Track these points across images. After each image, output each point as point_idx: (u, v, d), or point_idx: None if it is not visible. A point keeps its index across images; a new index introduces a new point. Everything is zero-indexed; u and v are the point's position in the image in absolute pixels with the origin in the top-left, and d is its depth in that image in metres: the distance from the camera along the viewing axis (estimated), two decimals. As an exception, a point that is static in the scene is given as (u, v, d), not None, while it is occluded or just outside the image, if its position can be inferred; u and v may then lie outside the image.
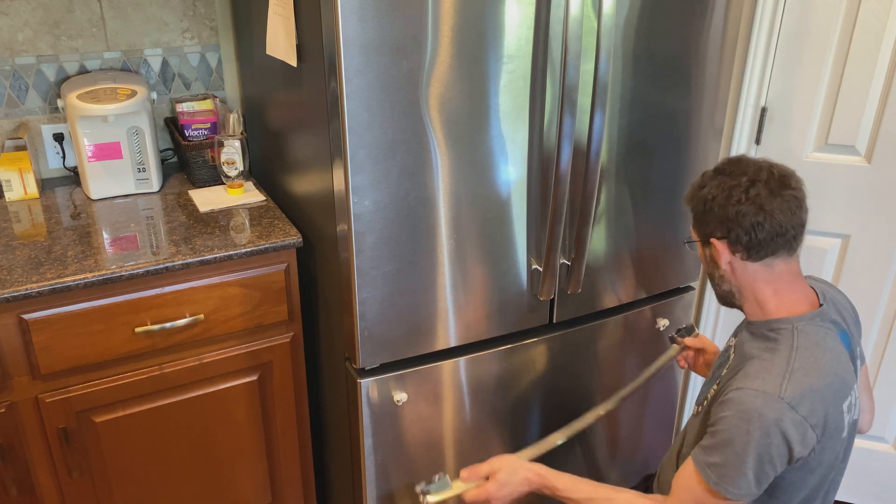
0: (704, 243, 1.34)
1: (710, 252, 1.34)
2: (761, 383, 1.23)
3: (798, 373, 1.23)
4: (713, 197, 1.29)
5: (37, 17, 1.85)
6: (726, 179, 1.29)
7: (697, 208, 1.33)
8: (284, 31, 1.53)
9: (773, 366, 1.25)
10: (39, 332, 1.51)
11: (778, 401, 1.20)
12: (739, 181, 1.27)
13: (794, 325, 1.29)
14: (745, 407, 1.22)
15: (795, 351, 1.26)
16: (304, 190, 1.70)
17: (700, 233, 1.35)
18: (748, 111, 2.00)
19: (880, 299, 2.04)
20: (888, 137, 1.88)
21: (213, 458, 1.82)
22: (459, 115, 1.44)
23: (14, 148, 1.87)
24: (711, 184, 1.30)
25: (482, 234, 1.57)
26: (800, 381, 1.22)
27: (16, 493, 1.62)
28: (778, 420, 1.20)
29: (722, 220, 1.28)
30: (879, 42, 1.82)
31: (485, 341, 1.70)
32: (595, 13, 1.46)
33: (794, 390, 1.21)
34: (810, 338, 1.28)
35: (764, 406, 1.20)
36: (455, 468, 1.80)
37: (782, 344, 1.28)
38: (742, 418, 1.21)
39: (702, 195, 1.31)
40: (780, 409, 1.20)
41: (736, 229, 1.27)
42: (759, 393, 1.22)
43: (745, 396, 1.23)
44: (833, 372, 1.25)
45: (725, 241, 1.29)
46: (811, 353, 1.26)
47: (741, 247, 1.28)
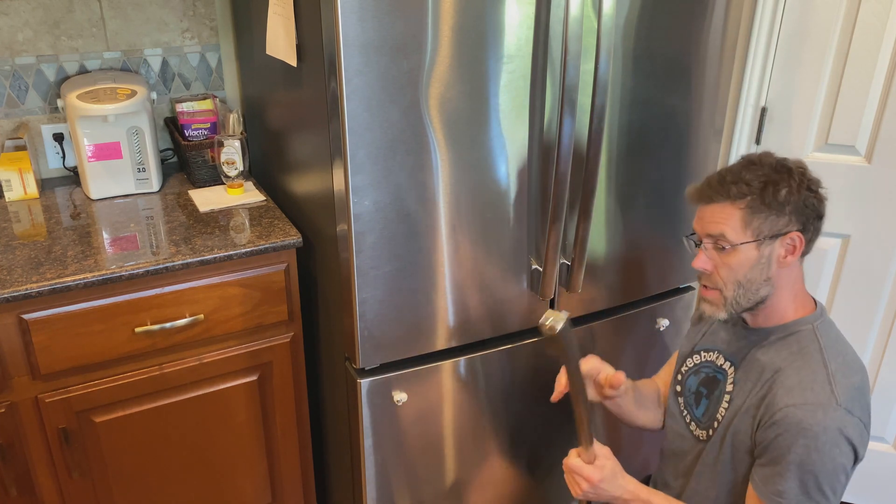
0: (768, 240, 1.22)
1: (771, 251, 1.22)
2: (812, 395, 1.18)
3: (838, 374, 1.19)
4: (789, 188, 1.20)
5: (37, 17, 1.85)
6: (784, 169, 1.21)
7: (768, 201, 1.20)
8: (284, 30, 1.53)
9: (814, 373, 1.20)
10: (39, 332, 1.51)
11: (836, 409, 1.16)
12: (797, 171, 1.21)
13: (812, 324, 1.26)
14: (805, 424, 1.16)
15: (826, 352, 1.22)
16: (304, 190, 1.70)
17: (764, 229, 1.21)
18: (748, 111, 2.00)
19: (880, 299, 2.04)
20: (888, 137, 1.88)
21: (213, 457, 1.82)
22: (459, 114, 1.44)
23: (14, 148, 1.87)
24: (771, 175, 1.21)
25: (482, 234, 1.57)
26: (844, 384, 1.19)
27: (16, 493, 1.62)
28: (842, 428, 1.16)
29: (801, 212, 1.21)
30: (879, 42, 1.82)
31: (485, 341, 1.70)
32: (595, 13, 1.46)
33: (845, 394, 1.17)
34: (830, 335, 1.25)
35: (826, 418, 1.15)
36: (455, 468, 1.80)
37: (809, 347, 1.23)
38: (806, 436, 1.16)
39: (770, 186, 1.20)
40: (841, 417, 1.16)
41: (813, 223, 1.21)
42: (816, 406, 1.17)
43: (802, 413, 1.17)
44: (860, 365, 1.24)
45: (802, 235, 1.22)
46: (838, 351, 1.23)
47: (808, 234, 1.23)
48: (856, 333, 2.09)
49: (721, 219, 1.24)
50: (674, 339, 2.01)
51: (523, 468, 1.91)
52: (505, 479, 1.90)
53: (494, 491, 1.90)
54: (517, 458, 1.89)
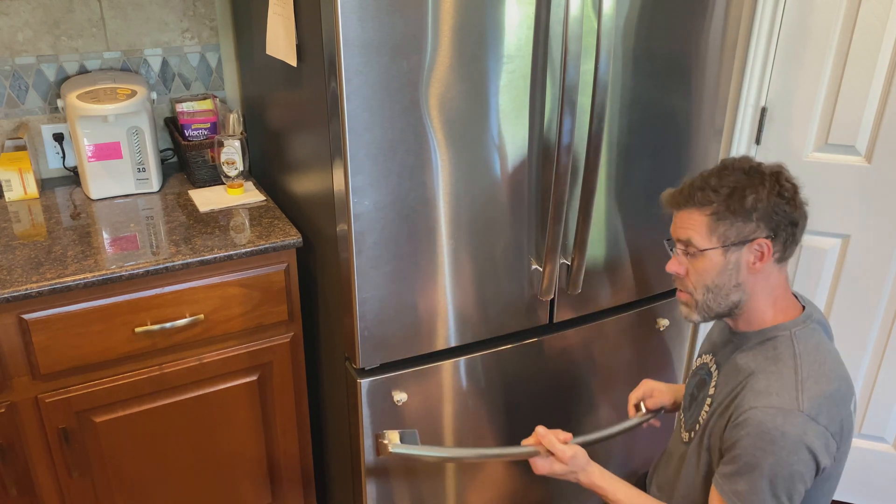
0: (734, 246, 1.22)
1: (738, 257, 1.23)
2: (777, 399, 1.18)
3: (808, 381, 1.19)
4: (757, 194, 1.20)
5: (37, 17, 1.85)
6: (757, 176, 1.21)
7: (734, 207, 1.21)
8: (284, 31, 1.53)
9: (783, 378, 1.20)
10: (39, 332, 1.51)
11: (798, 415, 1.16)
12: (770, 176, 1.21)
13: (790, 330, 1.25)
14: (764, 427, 1.16)
15: (799, 358, 1.22)
16: (304, 190, 1.70)
17: (731, 234, 1.22)
18: (748, 111, 2.00)
19: (880, 299, 2.04)
20: (888, 137, 1.88)
21: (213, 458, 1.82)
22: (459, 115, 1.44)
23: (14, 148, 1.87)
24: (738, 180, 1.21)
25: (482, 234, 1.57)
26: (813, 391, 1.18)
27: (16, 493, 1.62)
28: (801, 435, 1.15)
29: (770, 218, 1.20)
30: (879, 42, 1.82)
31: (485, 341, 1.70)
32: (595, 13, 1.46)
33: (811, 401, 1.17)
34: (809, 342, 1.24)
35: (785, 423, 1.15)
36: (454, 468, 1.80)
37: (783, 353, 1.23)
38: (764, 439, 1.16)
39: (738, 192, 1.20)
40: (802, 424, 1.15)
41: (785, 227, 1.20)
42: (778, 410, 1.16)
43: (763, 416, 1.17)
44: (837, 374, 1.22)
45: (771, 241, 1.21)
46: (814, 359, 1.22)
47: (781, 247, 1.22)
48: (856, 333, 2.09)
49: (689, 225, 1.26)
50: (674, 339, 2.01)
51: (523, 468, 1.91)
52: (505, 478, 1.90)
53: (494, 491, 1.90)
54: (517, 458, 1.89)
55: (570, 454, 1.42)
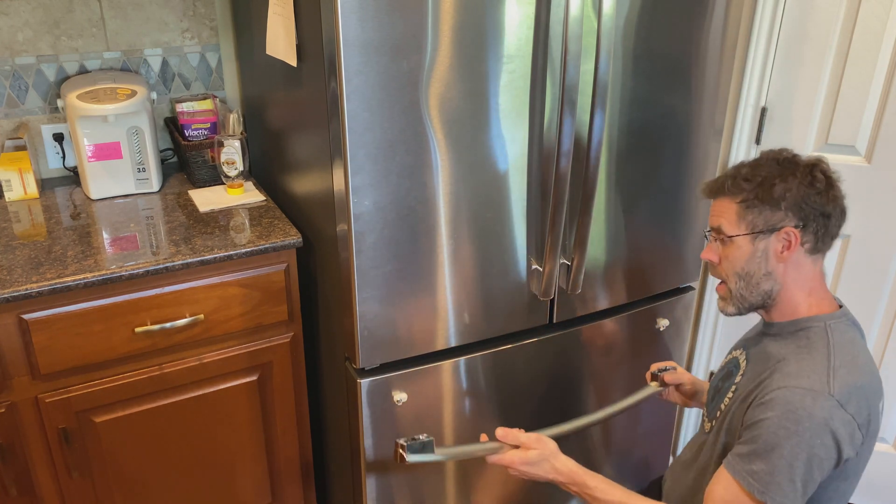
0: (763, 234, 1.25)
1: (767, 245, 1.25)
2: (807, 381, 1.17)
3: (841, 370, 1.19)
4: (787, 184, 1.22)
5: (37, 17, 1.85)
6: (791, 167, 1.23)
7: (763, 195, 1.23)
8: (284, 31, 1.53)
9: (815, 363, 1.20)
10: (39, 332, 1.51)
11: (828, 398, 1.15)
12: (804, 167, 1.23)
13: (825, 322, 1.26)
14: (792, 406, 1.16)
15: (833, 348, 1.22)
16: (304, 190, 1.70)
17: (759, 222, 1.25)
18: (748, 111, 2.00)
19: (880, 299, 2.04)
20: (888, 137, 1.88)
21: (213, 458, 1.82)
22: (459, 115, 1.44)
23: (14, 148, 1.87)
24: (771, 169, 1.24)
25: (482, 234, 1.57)
26: (844, 379, 1.18)
27: (16, 493, 1.62)
28: (828, 419, 1.14)
29: (801, 207, 1.22)
30: (879, 42, 1.82)
31: (485, 341, 1.70)
32: (595, 13, 1.46)
33: (842, 388, 1.17)
34: (844, 335, 1.25)
35: (814, 405, 1.15)
36: (455, 468, 1.80)
37: (817, 342, 1.24)
38: (790, 419, 1.15)
39: (768, 181, 1.23)
40: (831, 408, 1.15)
41: (817, 218, 1.22)
42: (807, 391, 1.16)
43: (792, 396, 1.16)
44: (870, 370, 1.23)
45: (799, 231, 1.23)
46: (848, 351, 1.22)
47: (812, 237, 1.24)
48: (856, 333, 2.09)
49: (720, 212, 1.30)
50: (674, 339, 2.01)
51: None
52: (505, 478, 1.90)
53: (494, 491, 1.90)
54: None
55: (535, 437, 1.42)
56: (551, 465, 1.40)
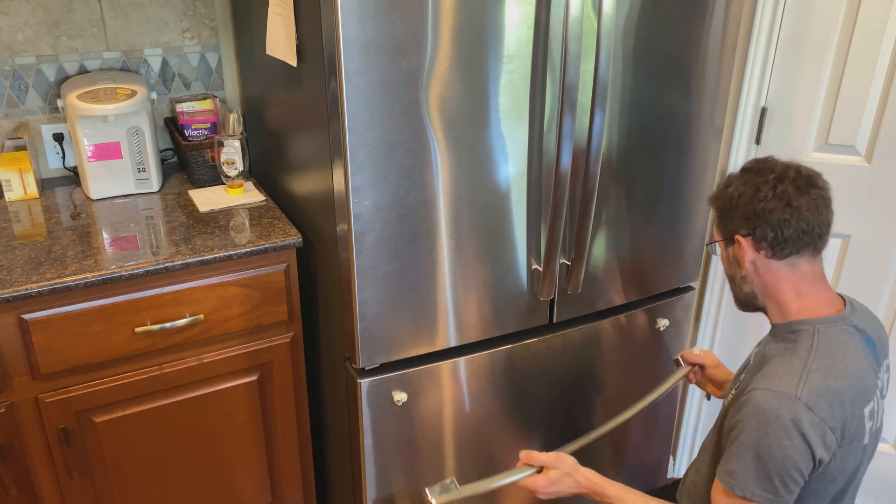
0: (728, 242, 1.33)
1: (734, 251, 1.33)
2: (777, 383, 1.21)
3: (815, 373, 1.21)
4: (739, 194, 1.28)
5: (37, 17, 1.85)
6: (753, 177, 1.29)
7: (722, 206, 1.32)
8: (284, 31, 1.53)
9: (791, 366, 1.23)
10: (39, 332, 1.51)
11: (794, 400, 1.18)
12: (766, 178, 1.27)
13: (815, 326, 1.27)
14: (761, 408, 1.19)
15: (814, 352, 1.24)
16: (304, 190, 1.70)
17: (724, 231, 1.34)
18: (748, 111, 2.00)
19: (880, 299, 2.04)
20: (888, 137, 1.88)
21: (213, 458, 1.82)
22: (459, 115, 1.44)
23: (14, 148, 1.87)
24: (737, 181, 1.30)
25: (482, 234, 1.57)
26: (816, 382, 1.19)
27: (16, 493, 1.62)
28: (795, 420, 1.17)
29: (748, 217, 1.28)
30: (879, 42, 1.82)
31: (485, 341, 1.70)
32: (595, 13, 1.46)
33: (811, 390, 1.18)
34: (831, 340, 1.26)
35: (780, 406, 1.18)
36: (455, 468, 1.80)
37: (801, 345, 1.26)
38: (759, 419, 1.19)
39: (727, 193, 1.31)
40: (797, 410, 1.17)
41: (762, 225, 1.26)
42: (775, 393, 1.19)
43: (761, 397, 1.20)
44: (853, 374, 1.23)
45: (751, 238, 1.28)
46: (830, 355, 1.23)
47: (766, 244, 1.27)
48: (856, 333, 2.09)
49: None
50: (674, 340, 2.01)
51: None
52: (505, 479, 1.90)
53: (494, 490, 1.90)
54: (517, 457, 1.88)
55: (554, 456, 1.48)
56: (573, 479, 1.46)
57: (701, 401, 2.35)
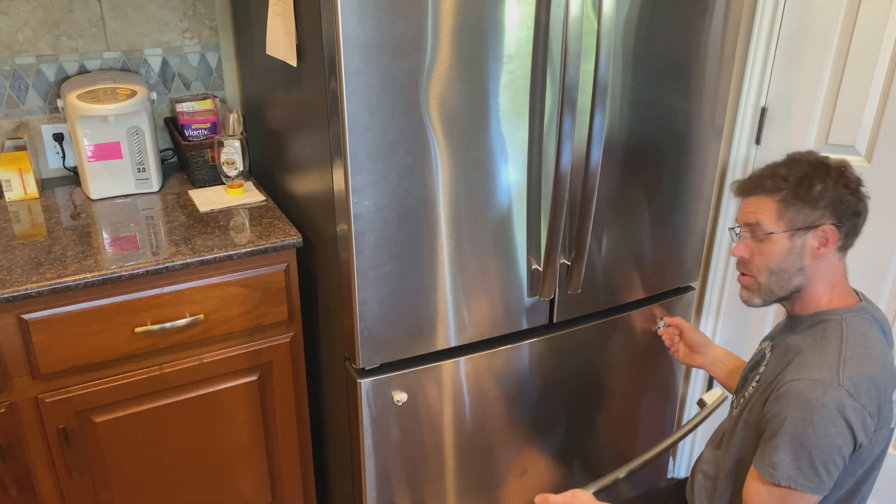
0: (801, 231, 1.29)
1: (804, 242, 1.29)
2: (817, 373, 1.22)
3: (851, 361, 1.23)
4: (824, 183, 1.27)
5: (37, 17, 1.85)
6: (816, 168, 1.28)
7: (801, 194, 1.28)
8: (284, 31, 1.53)
9: (826, 355, 1.25)
10: (39, 332, 1.51)
11: (838, 388, 1.19)
12: (831, 169, 1.28)
13: (842, 315, 1.30)
14: (804, 398, 1.20)
15: (845, 341, 1.26)
16: (304, 190, 1.70)
17: (798, 220, 1.29)
18: (748, 111, 2.00)
19: (880, 299, 2.04)
20: (888, 137, 1.88)
21: (213, 458, 1.82)
22: (459, 115, 1.44)
23: (14, 148, 1.87)
24: (808, 170, 1.28)
25: (482, 234, 1.57)
26: (854, 370, 1.22)
27: (16, 493, 1.62)
28: (840, 407, 1.19)
29: (834, 206, 1.27)
30: (879, 42, 1.82)
31: (485, 341, 1.70)
32: (595, 13, 1.46)
33: (851, 378, 1.21)
34: (858, 328, 1.29)
35: (825, 395, 1.19)
36: (455, 468, 1.80)
37: (831, 334, 1.28)
38: (804, 409, 1.20)
39: (807, 181, 1.27)
40: (841, 397, 1.19)
41: (849, 217, 1.27)
42: (818, 382, 1.21)
43: (803, 387, 1.21)
44: (882, 361, 1.26)
45: (836, 228, 1.28)
46: (861, 343, 1.26)
47: (843, 235, 1.28)
48: (856, 333, 2.09)
49: (758, 209, 1.33)
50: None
51: (523, 468, 1.91)
52: (505, 478, 1.90)
53: (494, 491, 1.90)
54: (517, 457, 1.89)
55: (570, 494, 1.44)
56: None
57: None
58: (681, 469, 2.44)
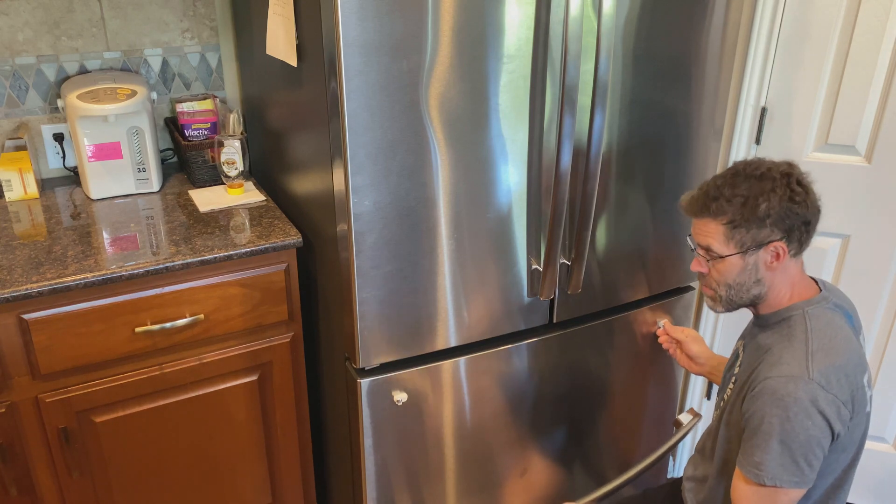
0: (752, 250, 1.29)
1: (756, 258, 1.29)
2: (787, 368, 1.24)
3: (818, 353, 1.25)
4: (769, 202, 1.25)
5: (37, 17, 1.85)
6: (760, 182, 1.26)
7: (745, 216, 1.26)
8: (284, 31, 1.53)
9: (794, 350, 1.27)
10: (39, 332, 1.51)
11: (808, 381, 1.22)
12: (776, 180, 1.26)
13: (803, 309, 1.32)
14: (778, 395, 1.22)
15: (811, 333, 1.28)
16: (304, 190, 1.70)
17: (746, 241, 1.28)
18: (748, 111, 2.00)
19: (880, 299, 2.04)
20: (888, 137, 1.88)
21: (213, 458, 1.82)
22: (459, 115, 1.44)
23: (14, 148, 1.87)
24: (743, 187, 1.26)
25: (482, 234, 1.57)
26: (822, 361, 1.24)
27: (16, 493, 1.62)
28: (813, 400, 1.21)
29: (782, 222, 1.26)
30: (879, 42, 1.82)
31: (485, 341, 1.70)
32: (595, 13, 1.46)
33: (820, 370, 1.23)
34: (821, 319, 1.31)
35: (797, 389, 1.21)
36: (455, 468, 1.80)
37: (796, 329, 1.30)
38: (778, 405, 1.22)
39: (751, 201, 1.26)
40: (813, 390, 1.21)
41: (798, 229, 1.27)
42: (789, 378, 1.23)
43: (776, 384, 1.23)
44: (848, 348, 1.28)
45: (785, 243, 1.28)
46: (825, 334, 1.28)
47: (796, 245, 1.29)
48: (856, 333, 2.09)
49: (707, 232, 1.33)
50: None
51: (523, 468, 1.91)
52: (505, 479, 1.90)
53: (494, 491, 1.90)
54: (517, 457, 1.89)
55: None
56: None
57: (702, 400, 2.35)
58: (680, 469, 2.45)
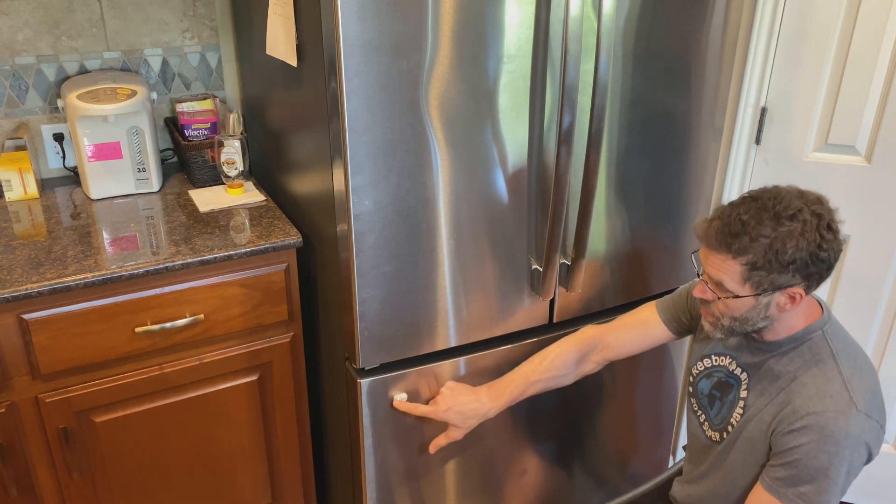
0: (767, 293, 1.21)
1: (770, 300, 1.22)
2: (832, 402, 1.22)
3: (854, 380, 1.23)
4: (797, 249, 1.16)
5: (37, 17, 1.85)
6: (794, 225, 1.16)
7: (769, 259, 1.17)
8: (284, 31, 1.53)
9: (830, 380, 1.24)
10: (39, 332, 1.51)
11: (857, 414, 1.20)
12: (811, 222, 1.16)
13: (821, 329, 1.29)
14: (828, 430, 1.20)
15: (839, 358, 1.26)
16: (304, 190, 1.70)
17: (764, 283, 1.20)
18: (748, 111, 2.00)
19: (880, 299, 2.04)
20: (888, 137, 1.88)
21: (213, 458, 1.82)
22: (459, 114, 1.44)
23: (14, 148, 1.87)
24: (779, 231, 1.16)
25: (482, 234, 1.57)
26: (860, 389, 1.23)
27: (16, 493, 1.62)
28: (861, 433, 1.21)
29: (805, 268, 1.18)
30: (879, 42, 1.82)
31: (485, 341, 1.70)
32: (595, 13, 1.46)
33: (862, 398, 1.22)
34: (839, 338, 1.29)
35: (847, 424, 1.20)
36: (455, 468, 1.80)
37: (821, 353, 1.27)
38: (829, 442, 1.20)
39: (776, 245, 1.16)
40: (861, 422, 1.20)
41: (819, 272, 1.19)
42: (838, 413, 1.21)
43: (825, 420, 1.20)
44: (870, 365, 1.28)
45: (803, 288, 1.21)
46: (849, 354, 1.27)
47: (814, 284, 1.22)
48: (856, 333, 2.07)
49: (721, 269, 1.22)
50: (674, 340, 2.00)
51: (523, 469, 1.91)
52: (505, 479, 1.90)
53: (494, 491, 1.90)
54: (517, 458, 1.89)
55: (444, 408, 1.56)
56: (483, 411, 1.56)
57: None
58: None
